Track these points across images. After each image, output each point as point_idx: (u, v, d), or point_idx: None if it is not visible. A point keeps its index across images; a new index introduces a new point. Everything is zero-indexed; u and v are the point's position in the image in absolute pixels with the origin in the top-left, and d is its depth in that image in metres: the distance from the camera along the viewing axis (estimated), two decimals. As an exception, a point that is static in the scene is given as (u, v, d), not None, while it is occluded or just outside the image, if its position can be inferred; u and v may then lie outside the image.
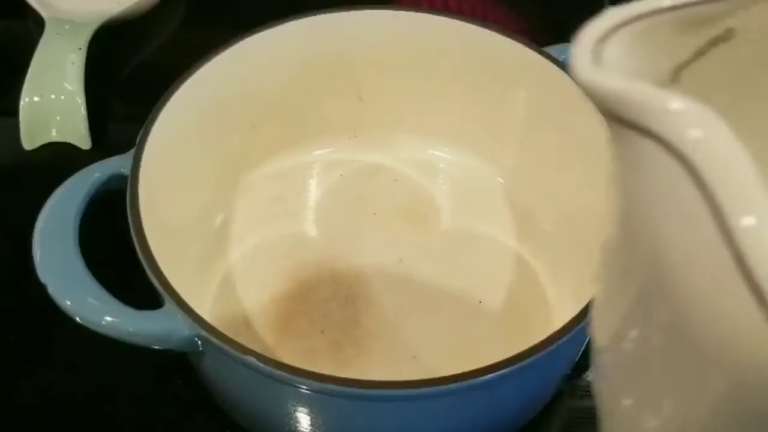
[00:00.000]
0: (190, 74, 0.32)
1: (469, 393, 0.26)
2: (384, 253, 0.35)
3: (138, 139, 0.30)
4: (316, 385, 0.25)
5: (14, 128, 0.39)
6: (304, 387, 0.25)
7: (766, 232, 0.11)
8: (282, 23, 0.34)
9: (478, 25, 0.35)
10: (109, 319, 0.27)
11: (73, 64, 0.39)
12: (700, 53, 0.15)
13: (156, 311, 0.27)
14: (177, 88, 0.32)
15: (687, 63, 0.15)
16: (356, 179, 0.38)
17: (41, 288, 0.27)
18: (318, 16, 0.35)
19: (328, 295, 0.34)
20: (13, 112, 0.38)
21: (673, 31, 0.14)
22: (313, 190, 0.37)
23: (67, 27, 0.40)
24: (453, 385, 0.25)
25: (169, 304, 0.26)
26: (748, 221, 0.11)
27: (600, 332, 0.15)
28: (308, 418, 0.28)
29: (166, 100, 0.32)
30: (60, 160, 0.38)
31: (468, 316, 0.33)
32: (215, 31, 0.37)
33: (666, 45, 0.14)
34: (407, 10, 0.35)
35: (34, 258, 0.28)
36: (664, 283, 0.13)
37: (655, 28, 0.14)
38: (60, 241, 0.28)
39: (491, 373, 0.25)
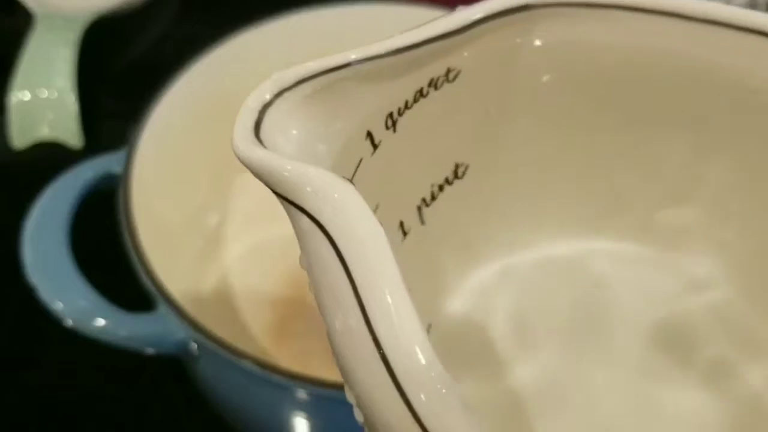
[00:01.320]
0: (184, 70, 0.32)
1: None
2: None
3: (130, 137, 0.30)
4: (314, 389, 0.25)
5: (3, 126, 0.38)
6: (302, 391, 0.25)
7: (399, 317, 0.11)
8: (278, 19, 0.34)
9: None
10: (101, 321, 0.27)
11: (64, 59, 0.38)
12: (421, 95, 0.15)
13: (149, 314, 0.27)
14: (171, 84, 0.32)
15: (407, 106, 0.15)
16: (354, 178, 0.37)
17: (31, 290, 0.27)
18: (315, 11, 0.35)
19: (326, 296, 0.33)
20: (1, 109, 0.38)
21: (376, 78, 0.14)
22: (311, 190, 0.37)
23: (58, 22, 0.40)
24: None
25: (162, 307, 0.26)
26: (384, 307, 0.11)
27: None
28: (305, 422, 0.27)
29: (160, 97, 0.31)
30: (50, 159, 0.38)
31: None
32: (210, 26, 0.36)
33: (367, 94, 0.14)
34: (406, 5, 0.35)
35: (24, 259, 0.27)
36: (339, 368, 0.13)
37: (343, 82, 0.13)
38: (50, 242, 0.28)
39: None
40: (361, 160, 0.14)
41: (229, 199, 0.36)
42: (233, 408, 0.30)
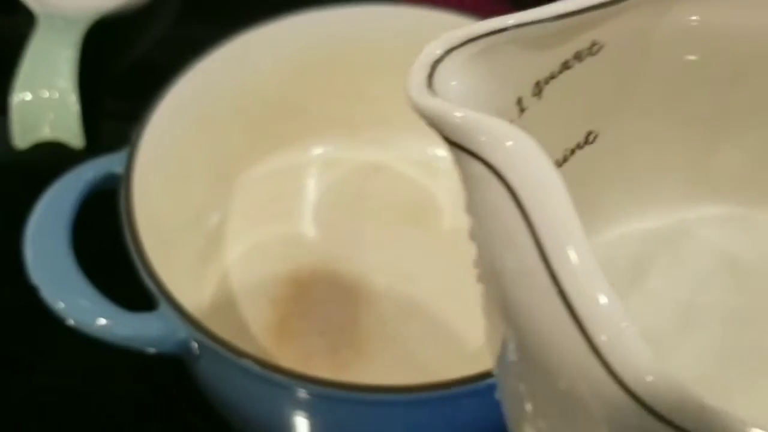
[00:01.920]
0: (185, 71, 0.32)
1: (471, 397, 0.25)
2: (384, 253, 0.35)
3: (132, 137, 0.30)
4: (314, 389, 0.25)
5: (5, 127, 0.38)
6: (302, 391, 0.25)
7: (580, 259, 0.11)
8: (279, 20, 0.34)
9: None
10: (102, 321, 0.27)
11: (66, 60, 0.39)
12: (566, 66, 0.16)
13: (150, 313, 0.27)
14: (172, 85, 0.32)
15: (553, 76, 0.16)
16: (355, 178, 0.37)
17: (33, 290, 0.27)
18: (316, 12, 0.35)
19: (327, 296, 0.33)
20: (3, 110, 0.38)
21: (529, 46, 0.15)
22: (312, 190, 0.37)
23: (60, 22, 0.40)
24: (454, 390, 0.25)
25: (163, 306, 0.26)
26: (565, 250, 0.12)
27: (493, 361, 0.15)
28: (306, 421, 0.28)
29: (161, 97, 0.31)
30: (52, 159, 0.38)
31: (469, 318, 0.33)
32: (211, 27, 0.36)
33: (519, 61, 0.15)
34: (407, 6, 0.35)
35: (26, 259, 0.27)
36: (504, 308, 0.13)
37: (501, 46, 0.14)
38: (52, 242, 0.28)
39: (494, 377, 0.24)
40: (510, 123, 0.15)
41: (229, 199, 0.36)
42: (234, 407, 0.30)
